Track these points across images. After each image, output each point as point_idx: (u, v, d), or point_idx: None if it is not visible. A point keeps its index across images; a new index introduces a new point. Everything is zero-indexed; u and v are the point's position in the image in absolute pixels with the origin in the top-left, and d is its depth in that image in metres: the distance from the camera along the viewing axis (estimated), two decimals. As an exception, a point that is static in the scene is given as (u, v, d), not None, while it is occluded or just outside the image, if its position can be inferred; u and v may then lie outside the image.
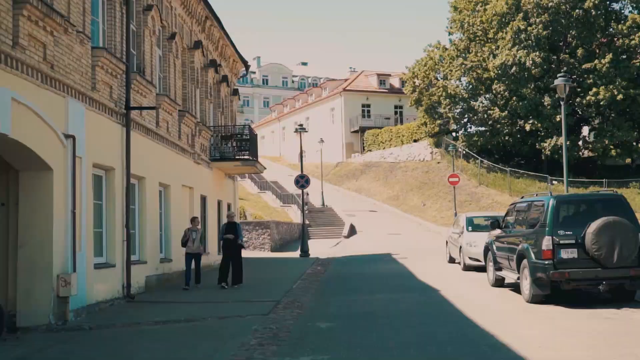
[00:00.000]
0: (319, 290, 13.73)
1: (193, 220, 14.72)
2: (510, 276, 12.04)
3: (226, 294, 13.11)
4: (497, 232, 13.12)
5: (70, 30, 9.75)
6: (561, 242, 10.16)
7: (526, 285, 10.81)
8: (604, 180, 33.35)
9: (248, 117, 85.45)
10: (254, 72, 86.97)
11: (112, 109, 11.68)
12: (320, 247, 28.02)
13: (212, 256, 19.37)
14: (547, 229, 10.29)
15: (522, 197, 13.02)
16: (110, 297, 11.48)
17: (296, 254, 24.91)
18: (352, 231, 34.88)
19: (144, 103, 13.36)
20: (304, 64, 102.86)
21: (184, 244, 14.26)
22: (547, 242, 10.18)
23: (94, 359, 7.47)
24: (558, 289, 10.51)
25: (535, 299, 10.60)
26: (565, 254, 10.16)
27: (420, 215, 37.53)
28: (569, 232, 10.23)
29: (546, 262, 10.19)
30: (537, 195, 12.14)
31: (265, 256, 25.71)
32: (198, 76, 18.40)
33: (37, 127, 8.90)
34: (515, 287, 12.05)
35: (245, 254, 25.40)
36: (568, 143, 36.14)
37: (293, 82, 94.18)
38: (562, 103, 15.89)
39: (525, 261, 10.84)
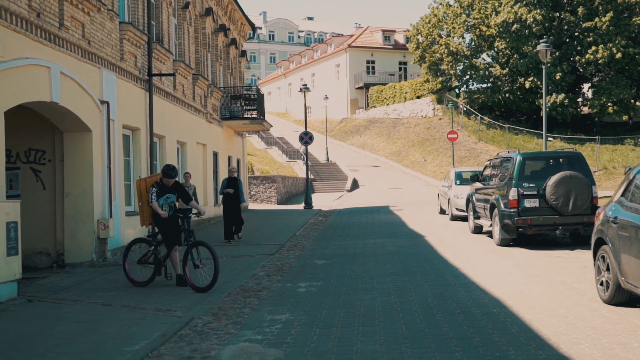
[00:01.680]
0: (319, 236, 15.54)
1: (185, 175, 14.07)
2: (485, 224, 13.75)
3: (236, 240, 14.78)
4: (478, 185, 14.76)
5: (102, 9, 11.25)
6: (525, 193, 11.84)
7: (496, 230, 12.53)
8: (597, 137, 34.54)
9: (254, 74, 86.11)
10: (260, 28, 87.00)
11: (137, 76, 13.25)
12: (323, 200, 29.68)
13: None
14: (513, 181, 11.95)
15: (498, 154, 14.57)
16: (138, 240, 13.29)
17: (301, 206, 26.68)
18: (355, 185, 36.46)
19: (163, 69, 14.89)
20: (310, 18, 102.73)
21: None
22: (513, 193, 11.86)
23: (134, 285, 9.31)
24: (525, 235, 12.26)
25: (503, 242, 12.34)
26: (528, 203, 11.84)
27: (421, 170, 39.05)
28: (532, 185, 11.89)
29: (512, 210, 11.88)
30: (508, 152, 13.70)
31: (272, 208, 27.55)
32: (209, 41, 19.80)
33: (78, 95, 10.51)
34: (491, 234, 13.76)
35: (253, 206, 27.37)
36: (567, 101, 37.51)
37: (299, 37, 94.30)
38: (544, 67, 17.21)
39: (496, 210, 12.53)
